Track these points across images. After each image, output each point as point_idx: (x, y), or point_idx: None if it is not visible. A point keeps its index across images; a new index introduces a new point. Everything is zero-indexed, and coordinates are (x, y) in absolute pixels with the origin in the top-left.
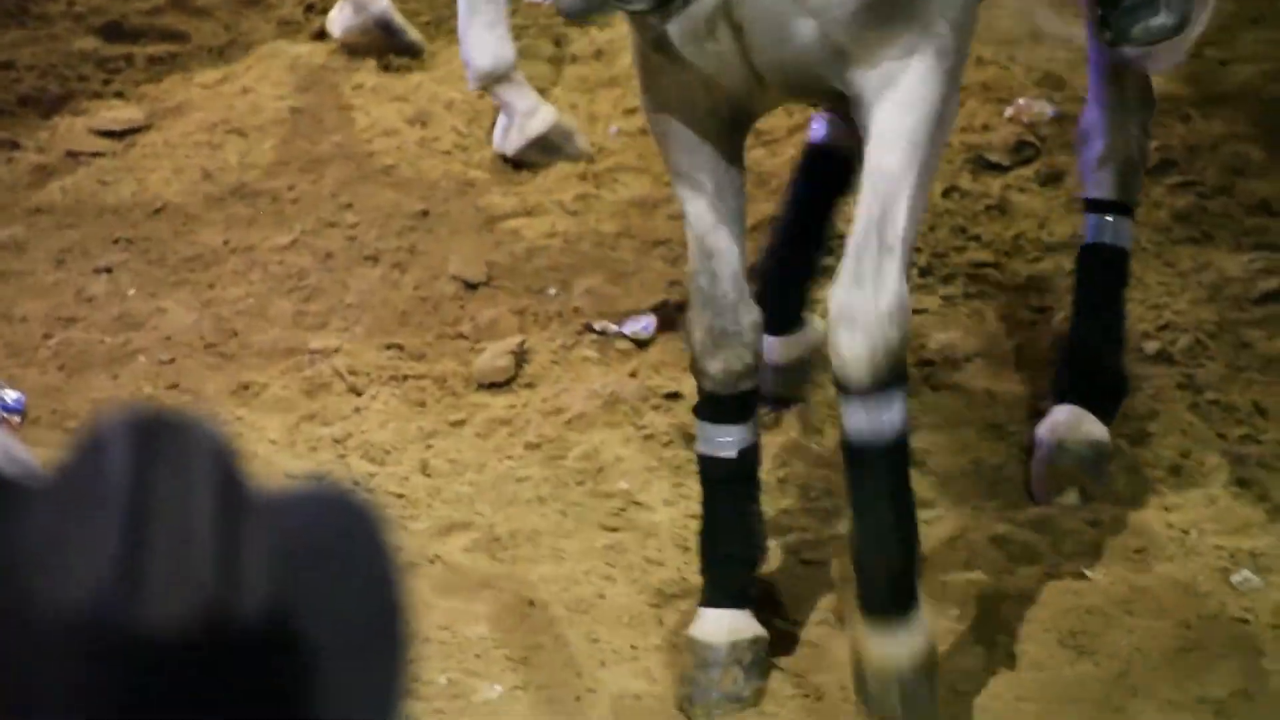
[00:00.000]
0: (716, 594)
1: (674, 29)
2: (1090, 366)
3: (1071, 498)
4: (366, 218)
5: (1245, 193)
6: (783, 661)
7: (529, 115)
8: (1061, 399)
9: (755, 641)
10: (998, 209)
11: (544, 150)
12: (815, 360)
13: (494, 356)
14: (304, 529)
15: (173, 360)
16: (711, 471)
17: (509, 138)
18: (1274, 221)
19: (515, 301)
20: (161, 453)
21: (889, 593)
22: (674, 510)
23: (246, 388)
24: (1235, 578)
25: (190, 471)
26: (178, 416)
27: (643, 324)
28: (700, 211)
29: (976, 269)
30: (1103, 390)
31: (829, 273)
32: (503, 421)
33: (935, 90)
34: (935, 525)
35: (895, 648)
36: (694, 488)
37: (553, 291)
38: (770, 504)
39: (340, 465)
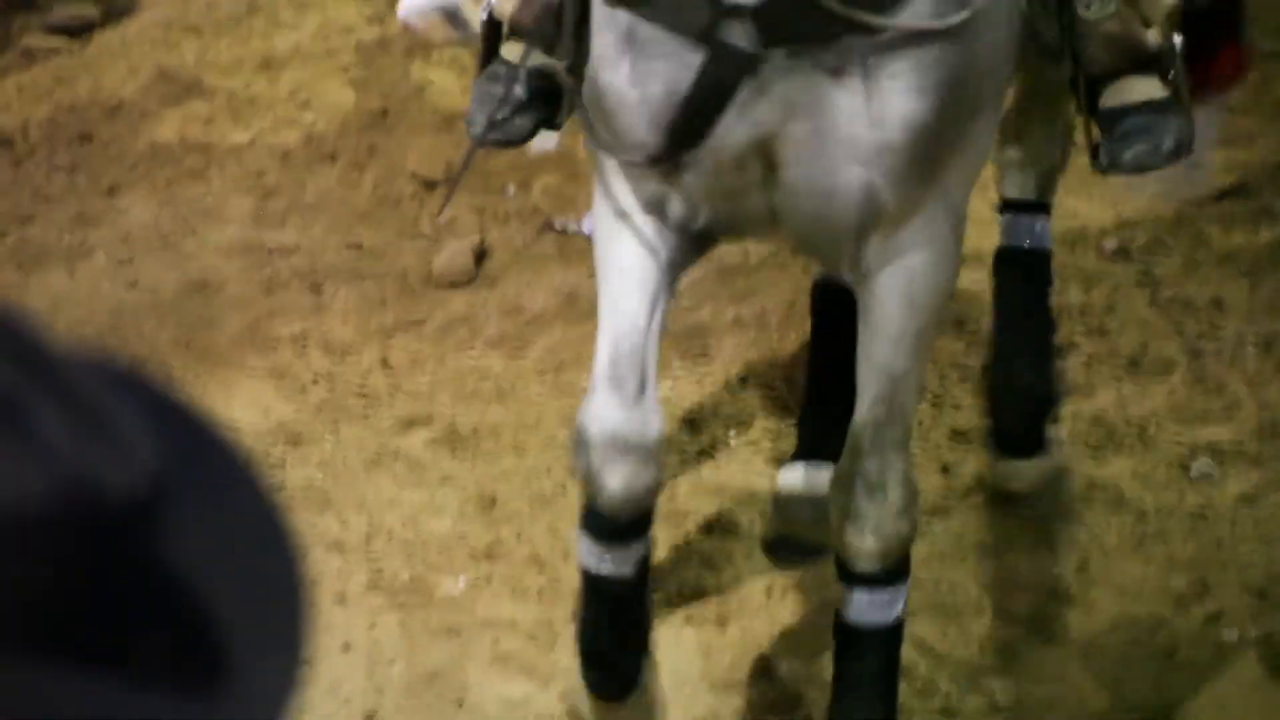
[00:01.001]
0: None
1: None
2: (1014, 393)
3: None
4: (325, 116)
5: None
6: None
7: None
8: (994, 434)
9: None
10: None
11: None
12: None
13: (453, 255)
14: (137, 397)
15: (131, 259)
16: (599, 587)
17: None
18: (1232, 117)
19: (474, 200)
20: None
21: None
22: None
23: (205, 285)
24: (1193, 470)
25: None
26: None
27: None
28: (621, 328)
29: None
30: (1029, 416)
31: None
32: (463, 319)
33: (945, 274)
34: None
35: None
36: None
37: (511, 190)
38: (732, 397)
39: (300, 362)
